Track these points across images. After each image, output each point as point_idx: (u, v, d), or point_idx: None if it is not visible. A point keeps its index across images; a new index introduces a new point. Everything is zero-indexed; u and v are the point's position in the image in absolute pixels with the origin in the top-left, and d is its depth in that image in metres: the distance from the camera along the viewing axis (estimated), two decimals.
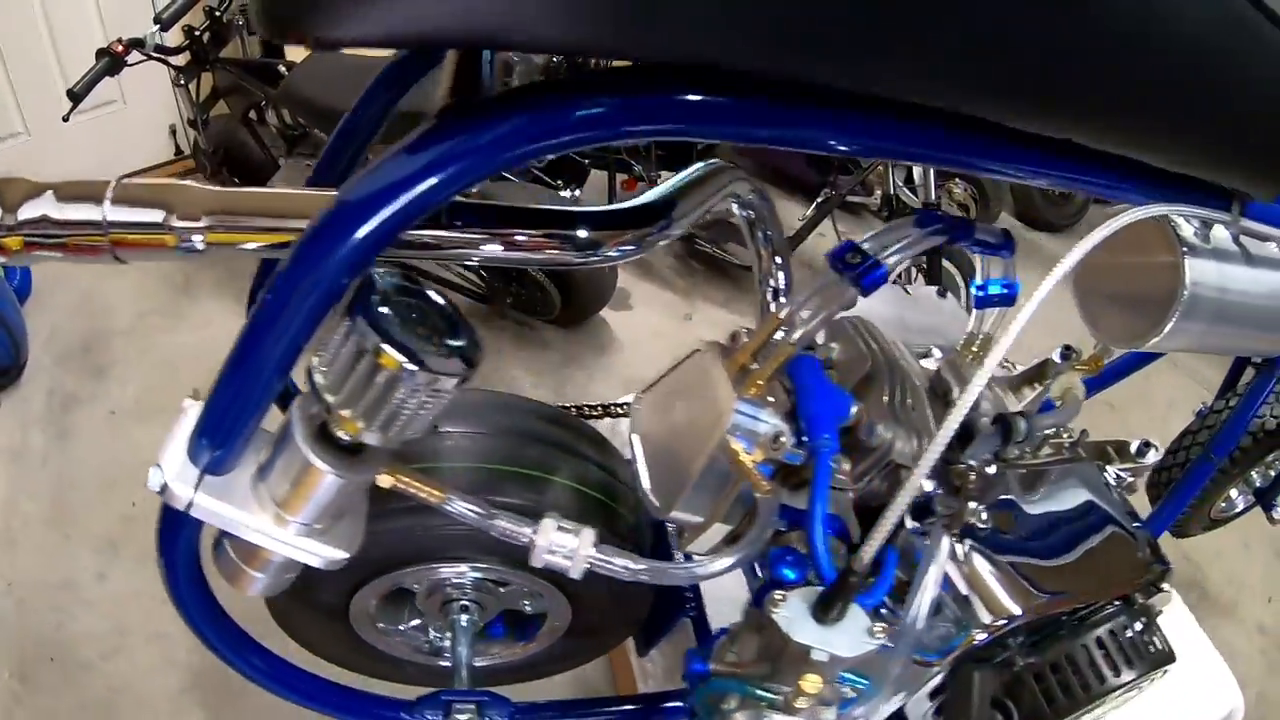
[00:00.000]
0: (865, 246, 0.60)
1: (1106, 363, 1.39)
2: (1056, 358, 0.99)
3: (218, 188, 0.53)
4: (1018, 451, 0.79)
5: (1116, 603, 0.78)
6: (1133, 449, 0.92)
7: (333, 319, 0.49)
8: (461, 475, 0.72)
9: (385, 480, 0.55)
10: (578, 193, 2.02)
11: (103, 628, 1.41)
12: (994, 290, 0.85)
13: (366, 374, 0.47)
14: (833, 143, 0.50)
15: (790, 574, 0.56)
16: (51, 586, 1.45)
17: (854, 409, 0.64)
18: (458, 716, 0.74)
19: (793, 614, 0.52)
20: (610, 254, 0.56)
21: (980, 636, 0.63)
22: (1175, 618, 1.40)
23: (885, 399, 0.67)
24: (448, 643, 0.83)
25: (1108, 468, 0.93)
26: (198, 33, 1.75)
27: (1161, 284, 0.73)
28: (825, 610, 0.51)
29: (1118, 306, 0.83)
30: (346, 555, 0.57)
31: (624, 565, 0.53)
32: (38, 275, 1.81)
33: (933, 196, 2.05)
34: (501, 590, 0.81)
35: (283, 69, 1.77)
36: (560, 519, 0.54)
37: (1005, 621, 0.64)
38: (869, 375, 0.69)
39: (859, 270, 0.58)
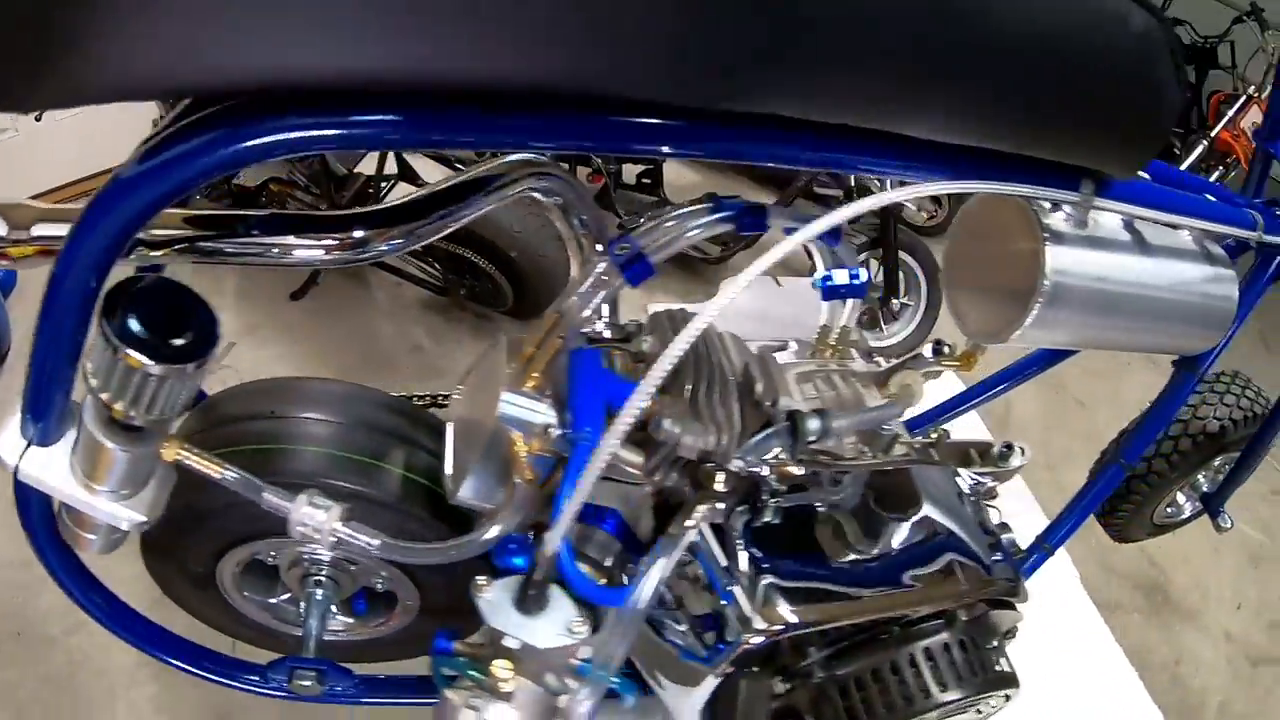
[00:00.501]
0: (639, 238, 0.62)
1: (1016, 361, 1.36)
2: (928, 353, 0.98)
3: (48, 204, 0.59)
4: (857, 451, 0.77)
5: (939, 620, 0.73)
6: (994, 451, 0.84)
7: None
8: (292, 458, 0.76)
9: (169, 454, 0.60)
10: None
11: (66, 604, 1.48)
12: (839, 280, 0.84)
13: (111, 366, 0.51)
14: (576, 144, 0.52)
15: (518, 561, 0.58)
16: (19, 565, 1.54)
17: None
18: (301, 682, 0.79)
19: (496, 600, 0.54)
20: (381, 248, 0.60)
21: (755, 640, 0.62)
22: (1089, 633, 1.37)
23: (687, 394, 0.68)
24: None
25: (963, 472, 0.88)
26: None
27: (1025, 274, 0.69)
28: (521, 599, 0.53)
29: (985, 300, 0.79)
30: (145, 518, 0.62)
31: (368, 541, 0.57)
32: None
33: (889, 186, 2.04)
34: (353, 568, 0.85)
35: None
36: (315, 496, 0.58)
37: (781, 628, 0.63)
38: (675, 370, 0.70)
39: (623, 261, 0.60)
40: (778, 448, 0.65)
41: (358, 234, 0.60)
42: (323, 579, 0.86)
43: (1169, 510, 1.65)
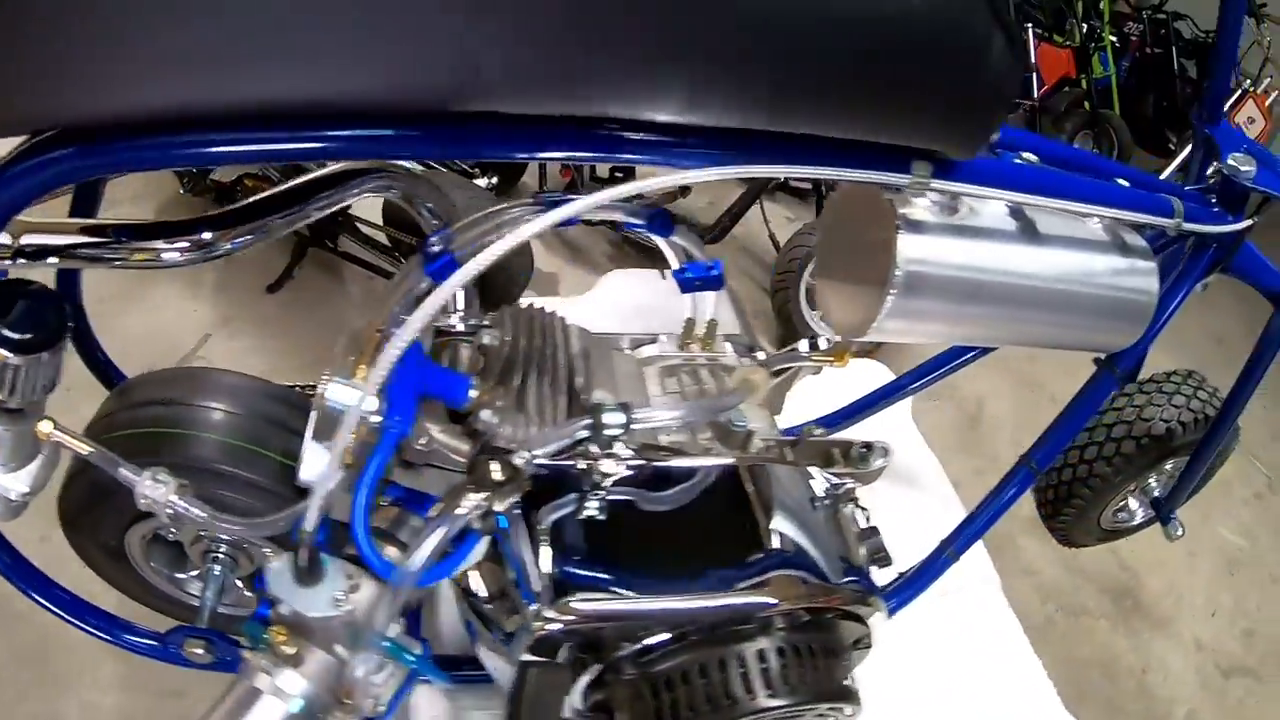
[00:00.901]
0: (451, 235, 0.67)
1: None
2: (803, 347, 1.01)
3: None
4: (704, 448, 0.77)
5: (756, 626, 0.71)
6: (854, 451, 0.77)
7: None
8: (182, 442, 0.84)
9: (42, 433, 0.68)
10: (494, 180, 2.13)
11: None
12: (696, 274, 0.86)
13: None
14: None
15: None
16: None
17: (473, 394, 0.71)
18: (193, 649, 0.88)
19: (279, 570, 0.61)
20: (227, 246, 0.68)
21: (549, 628, 0.66)
22: (1007, 639, 1.31)
23: (516, 386, 0.74)
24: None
25: (819, 473, 0.87)
26: None
27: (882, 265, 0.67)
28: (296, 570, 0.59)
29: (848, 293, 0.77)
30: (28, 489, 0.71)
31: (198, 514, 0.64)
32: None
33: None
34: (246, 546, 0.93)
35: None
36: (160, 472, 0.66)
37: (572, 619, 0.66)
38: (509, 362, 0.76)
39: (429, 256, 0.65)
40: (587, 441, 0.68)
41: (205, 236, 0.68)
42: (220, 556, 0.94)
43: (1120, 515, 1.61)
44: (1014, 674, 1.27)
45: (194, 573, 1.01)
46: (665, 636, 0.70)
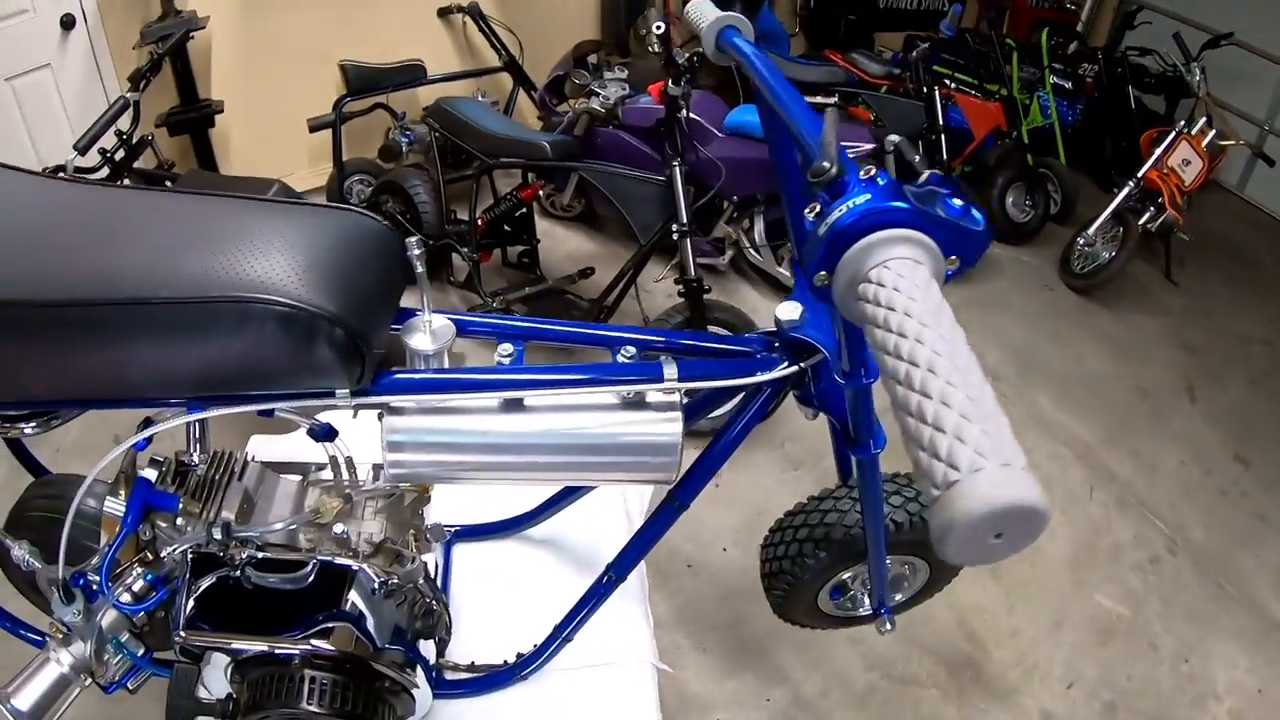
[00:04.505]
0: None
1: None
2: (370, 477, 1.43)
3: None
4: (307, 544, 1.28)
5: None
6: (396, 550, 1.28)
7: None
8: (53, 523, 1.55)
9: None
10: None
11: None
12: (321, 430, 1.36)
13: None
14: None
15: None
16: None
17: (180, 505, 1.34)
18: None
19: (52, 594, 1.22)
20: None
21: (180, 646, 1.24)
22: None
23: (202, 503, 1.36)
24: None
25: (370, 568, 1.23)
26: (109, 154, 2.61)
27: None
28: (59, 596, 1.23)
29: None
30: None
31: (34, 564, 1.32)
32: None
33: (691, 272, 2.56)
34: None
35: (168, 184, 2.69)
36: (24, 544, 1.35)
37: (190, 641, 1.23)
38: (202, 487, 1.38)
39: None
40: (212, 542, 1.24)
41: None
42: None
43: (844, 603, 1.78)
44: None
45: None
46: (261, 650, 1.25)
